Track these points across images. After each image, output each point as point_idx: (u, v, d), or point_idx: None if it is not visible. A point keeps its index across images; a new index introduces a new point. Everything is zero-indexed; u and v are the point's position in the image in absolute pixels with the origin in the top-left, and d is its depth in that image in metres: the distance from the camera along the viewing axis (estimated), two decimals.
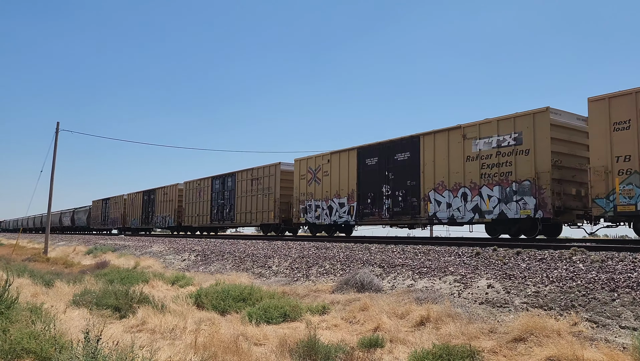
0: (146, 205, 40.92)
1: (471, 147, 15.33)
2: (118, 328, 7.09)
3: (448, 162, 15.97)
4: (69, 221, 64.98)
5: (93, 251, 25.11)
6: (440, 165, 16.20)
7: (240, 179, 27.51)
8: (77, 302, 8.76)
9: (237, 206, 27.57)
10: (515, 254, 10.11)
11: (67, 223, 66.58)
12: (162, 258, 19.81)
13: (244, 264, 15.02)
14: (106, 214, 50.49)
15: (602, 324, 6.37)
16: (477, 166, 15.10)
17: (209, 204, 30.69)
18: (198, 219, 31.98)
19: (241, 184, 27.51)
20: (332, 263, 12.60)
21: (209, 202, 30.65)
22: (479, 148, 15.10)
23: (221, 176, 29.66)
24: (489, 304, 7.83)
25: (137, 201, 42.88)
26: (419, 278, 9.91)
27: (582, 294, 7.19)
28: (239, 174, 27.84)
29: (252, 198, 26.20)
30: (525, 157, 13.80)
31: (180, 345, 6.18)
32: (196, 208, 32.29)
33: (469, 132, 15.42)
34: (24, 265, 16.53)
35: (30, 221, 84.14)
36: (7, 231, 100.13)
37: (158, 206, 38.47)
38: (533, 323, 6.20)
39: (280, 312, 7.98)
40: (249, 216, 26.47)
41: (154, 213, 39.09)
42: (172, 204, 35.88)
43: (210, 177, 30.70)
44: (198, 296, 9.38)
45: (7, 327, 5.54)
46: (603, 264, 8.35)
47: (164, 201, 37.33)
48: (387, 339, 6.40)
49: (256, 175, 26.02)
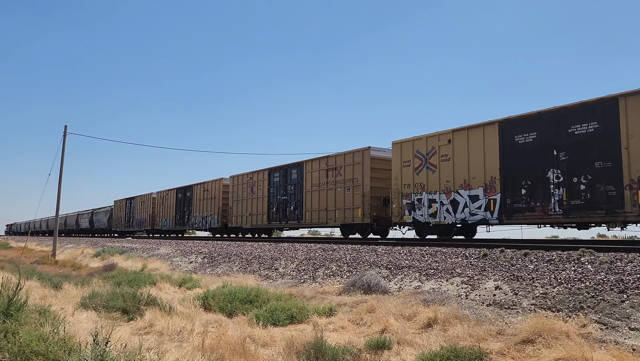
0: (181, 204, 36.00)
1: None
2: (126, 331, 7.12)
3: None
4: (87, 222, 60.40)
5: (101, 253, 25.22)
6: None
7: (310, 170, 22.65)
8: (85, 304, 8.80)
9: (306, 202, 22.74)
10: (522, 255, 10.06)
11: (85, 225, 62.00)
12: (169, 260, 19.87)
13: (250, 266, 15.04)
14: (131, 215, 45.89)
15: (611, 326, 6.32)
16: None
17: (265, 200, 25.95)
18: (250, 219, 27.10)
19: (311, 176, 22.62)
20: (339, 264, 12.59)
21: (265, 198, 25.90)
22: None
23: (282, 167, 24.97)
24: (497, 306, 7.80)
25: (170, 199, 37.86)
26: (426, 279, 9.88)
27: (591, 296, 7.14)
28: (308, 164, 23.04)
29: (327, 192, 21.35)
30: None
31: (188, 347, 6.19)
32: (248, 206, 27.47)
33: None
34: (33, 268, 16.64)
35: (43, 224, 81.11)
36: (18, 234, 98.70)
37: (196, 204, 33.50)
38: (541, 324, 6.17)
39: (287, 314, 7.99)
40: (323, 214, 21.59)
41: (191, 212, 34.20)
42: (215, 202, 30.93)
43: (267, 169, 26.07)
44: (205, 298, 9.41)
45: (17, 329, 5.58)
46: (612, 265, 8.29)
47: (205, 199, 32.25)
48: (395, 341, 6.38)
49: (333, 164, 21.21)
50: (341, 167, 20.80)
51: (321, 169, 22.05)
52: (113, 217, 51.07)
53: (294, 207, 23.80)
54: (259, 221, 26.50)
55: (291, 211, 24.02)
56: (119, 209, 49.56)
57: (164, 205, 39.10)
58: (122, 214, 48.21)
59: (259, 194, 26.51)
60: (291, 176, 24.28)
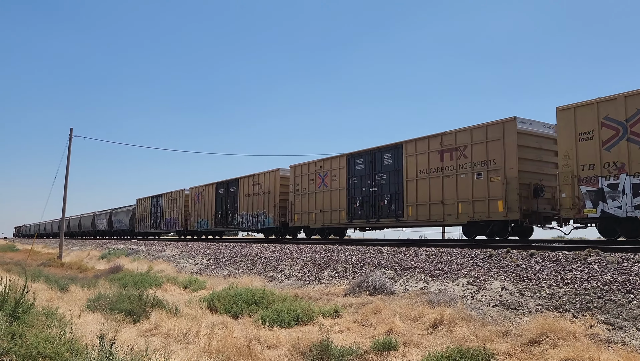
0: (222, 201, 30.53)
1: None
2: (132, 332, 7.14)
3: None
4: (105, 224, 54.80)
5: (107, 255, 25.32)
6: None
7: (414, 153, 17.68)
8: (91, 306, 8.84)
9: (408, 194, 17.77)
10: (528, 256, 10.01)
11: (102, 226, 56.33)
12: (175, 262, 19.92)
13: (256, 268, 15.06)
14: (158, 214, 40.59)
15: (618, 326, 6.29)
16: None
17: (342, 194, 20.98)
18: (322, 216, 22.12)
19: (415, 161, 17.62)
20: (344, 266, 12.59)
21: (342, 191, 20.97)
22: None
23: (368, 151, 19.91)
24: (503, 306, 7.77)
25: (208, 196, 32.44)
26: (432, 280, 9.86)
27: (598, 296, 7.10)
28: (410, 145, 17.91)
29: (443, 180, 16.56)
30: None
31: (194, 348, 6.21)
32: (317, 201, 22.41)
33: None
34: (39, 270, 16.72)
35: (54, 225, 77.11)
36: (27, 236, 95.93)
37: (243, 201, 28.13)
38: (548, 325, 6.14)
39: (293, 315, 7.99)
40: (436, 209, 16.79)
41: (236, 210, 28.80)
42: (270, 198, 25.73)
43: (345, 155, 21.13)
44: (211, 299, 9.43)
45: (24, 332, 5.61)
46: (619, 265, 8.24)
47: (255, 194, 27.07)
48: (401, 342, 6.38)
49: (452, 143, 16.47)
50: (466, 146, 16.03)
51: (432, 151, 17.11)
52: (136, 217, 45.91)
53: (389, 201, 18.80)
54: (335, 218, 21.41)
55: (384, 206, 19.01)
56: (143, 208, 44.07)
57: (200, 203, 33.48)
58: (147, 214, 42.90)
59: (334, 186, 21.51)
60: (382, 161, 19.24)
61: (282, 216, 24.96)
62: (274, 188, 25.57)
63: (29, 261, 24.41)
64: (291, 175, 24.25)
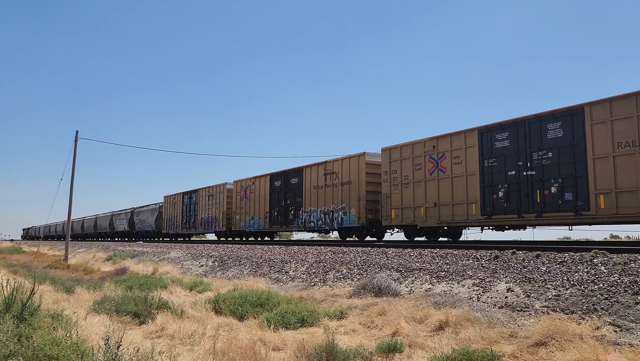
0: (280, 196, 25.51)
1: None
2: (138, 334, 7.16)
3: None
4: (126, 224, 49.19)
5: (112, 257, 25.40)
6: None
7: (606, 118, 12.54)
8: (97, 308, 8.86)
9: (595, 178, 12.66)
10: (534, 257, 9.98)
11: (122, 227, 50.59)
12: (180, 264, 19.96)
13: (261, 270, 15.07)
14: (191, 213, 35.13)
15: (625, 328, 6.25)
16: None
17: (475, 181, 15.61)
18: (438, 212, 16.68)
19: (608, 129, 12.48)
20: (349, 267, 12.58)
21: (475, 176, 15.60)
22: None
23: (518, 122, 14.61)
24: (509, 308, 7.74)
25: (259, 190, 27.22)
26: (437, 282, 9.84)
27: (605, 298, 7.07)
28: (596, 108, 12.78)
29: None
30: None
31: (199, 350, 6.22)
32: (425, 193, 17.21)
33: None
34: (45, 272, 16.79)
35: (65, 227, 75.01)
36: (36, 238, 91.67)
37: (309, 194, 23.11)
38: (554, 327, 6.12)
39: (298, 317, 7.99)
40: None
41: (301, 206, 23.74)
42: (352, 190, 20.51)
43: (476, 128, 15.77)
44: (216, 301, 9.44)
45: (30, 333, 5.64)
46: (626, 266, 8.20)
47: (329, 186, 21.93)
48: (406, 344, 6.36)
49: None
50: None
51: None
52: (163, 217, 40.54)
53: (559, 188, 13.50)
54: (460, 214, 16.02)
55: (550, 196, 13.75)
56: (172, 206, 38.68)
57: (249, 198, 28.16)
58: (177, 213, 37.48)
59: (457, 172, 16.17)
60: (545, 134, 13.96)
61: (370, 212, 19.80)
62: (356, 178, 20.41)
63: (35, 263, 24.52)
64: (384, 160, 19.03)
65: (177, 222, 37.61)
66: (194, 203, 35.11)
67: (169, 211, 39.74)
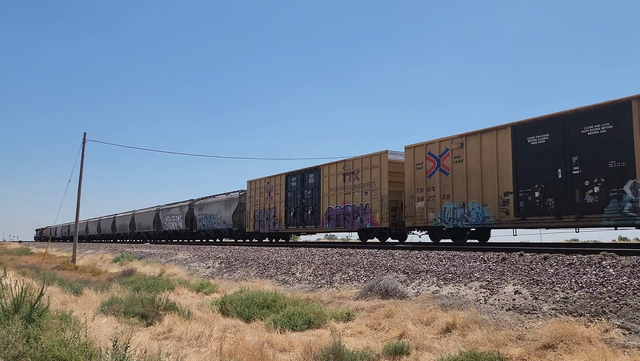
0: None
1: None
2: (145, 336, 7.19)
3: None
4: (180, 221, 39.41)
5: (119, 259, 25.51)
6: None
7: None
8: (105, 310, 8.91)
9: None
10: (542, 259, 9.93)
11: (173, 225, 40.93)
12: (187, 266, 20.02)
13: (267, 271, 15.08)
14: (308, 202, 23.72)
15: (634, 331, 6.20)
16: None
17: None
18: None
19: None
20: (356, 269, 12.56)
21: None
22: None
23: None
24: (517, 310, 7.70)
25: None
26: (444, 284, 9.81)
27: (613, 300, 7.02)
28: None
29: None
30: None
31: (206, 352, 6.24)
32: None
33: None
34: (54, 274, 16.89)
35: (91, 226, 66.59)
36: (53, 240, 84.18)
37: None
38: (562, 329, 6.08)
39: (305, 319, 7.99)
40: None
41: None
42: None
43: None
44: (223, 303, 9.46)
45: (39, 335, 5.67)
46: (634, 269, 8.14)
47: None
48: (413, 346, 6.35)
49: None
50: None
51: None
52: (247, 209, 29.59)
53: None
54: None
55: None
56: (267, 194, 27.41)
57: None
58: (276, 203, 26.37)
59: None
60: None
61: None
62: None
63: (43, 264, 24.68)
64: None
65: (276, 216, 26.34)
66: (311, 187, 23.92)
67: (257, 201, 28.34)
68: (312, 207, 23.67)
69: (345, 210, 21.21)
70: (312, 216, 23.62)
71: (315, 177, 23.55)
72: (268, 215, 27.18)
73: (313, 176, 23.78)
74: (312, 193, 23.76)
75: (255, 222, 28.50)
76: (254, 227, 28.72)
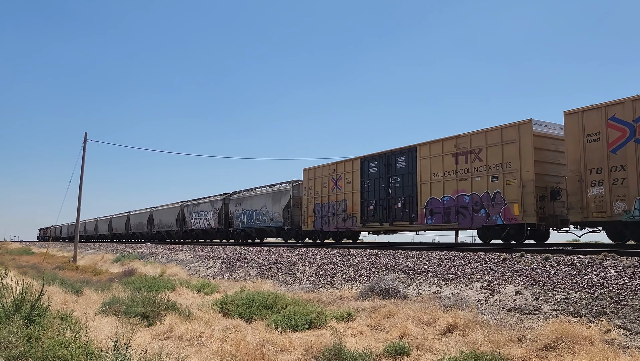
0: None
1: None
2: (146, 336, 7.19)
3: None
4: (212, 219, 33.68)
5: (120, 259, 25.52)
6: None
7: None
8: (105, 310, 8.91)
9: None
10: (543, 259, 9.92)
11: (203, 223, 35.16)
12: (188, 266, 20.02)
13: (268, 271, 15.08)
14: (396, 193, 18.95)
15: (635, 331, 6.20)
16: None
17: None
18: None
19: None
20: (357, 269, 12.56)
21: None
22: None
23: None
24: (517, 311, 7.70)
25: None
26: (445, 284, 9.80)
27: (614, 301, 7.01)
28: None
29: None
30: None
31: (207, 352, 6.24)
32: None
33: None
34: (54, 273, 16.90)
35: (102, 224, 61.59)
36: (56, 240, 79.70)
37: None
38: (563, 330, 6.08)
39: (306, 319, 7.99)
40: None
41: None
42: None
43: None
44: (223, 303, 9.46)
45: (40, 335, 5.67)
46: (636, 269, 8.13)
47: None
48: (414, 346, 6.34)
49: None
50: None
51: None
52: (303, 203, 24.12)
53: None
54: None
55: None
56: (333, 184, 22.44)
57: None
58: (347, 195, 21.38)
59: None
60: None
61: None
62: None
63: (44, 264, 24.70)
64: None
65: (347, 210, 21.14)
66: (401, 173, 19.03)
67: (318, 193, 23.08)
68: (403, 198, 18.63)
69: (459, 201, 16.33)
70: (404, 210, 18.62)
71: (408, 160, 18.56)
72: (335, 210, 21.91)
73: (404, 159, 18.76)
74: (402, 181, 18.80)
75: (317, 218, 22.97)
76: (314, 224, 23.21)
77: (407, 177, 18.67)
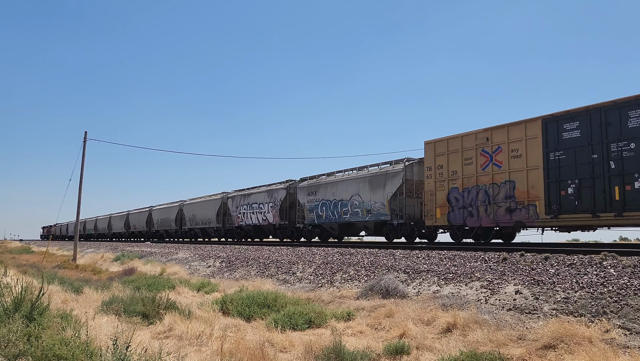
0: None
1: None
2: (146, 335, 7.18)
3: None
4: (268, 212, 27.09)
5: (120, 258, 25.52)
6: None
7: None
8: (105, 309, 8.91)
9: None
10: (543, 259, 9.92)
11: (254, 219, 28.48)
12: (188, 265, 20.02)
13: (268, 271, 15.08)
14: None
15: (635, 331, 6.20)
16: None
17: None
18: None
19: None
20: (357, 269, 12.56)
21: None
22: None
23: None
24: (517, 310, 7.70)
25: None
26: (445, 284, 9.80)
27: (614, 301, 7.01)
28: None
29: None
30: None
31: (207, 351, 6.24)
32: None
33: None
34: (54, 272, 16.89)
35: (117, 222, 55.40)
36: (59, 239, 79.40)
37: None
38: (563, 329, 6.08)
39: (305, 318, 7.99)
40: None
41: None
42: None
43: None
44: (223, 302, 9.46)
45: (40, 333, 5.67)
46: (635, 269, 8.13)
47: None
48: (413, 346, 6.34)
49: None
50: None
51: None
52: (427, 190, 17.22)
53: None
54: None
55: None
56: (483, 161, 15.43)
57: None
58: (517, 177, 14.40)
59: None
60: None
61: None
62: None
63: (44, 263, 24.68)
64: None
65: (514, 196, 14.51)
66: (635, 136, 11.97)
67: (454, 173, 16.43)
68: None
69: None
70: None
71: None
72: (488, 196, 15.25)
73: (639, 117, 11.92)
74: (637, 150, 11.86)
75: (453, 209, 16.35)
76: (448, 218, 16.53)
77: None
